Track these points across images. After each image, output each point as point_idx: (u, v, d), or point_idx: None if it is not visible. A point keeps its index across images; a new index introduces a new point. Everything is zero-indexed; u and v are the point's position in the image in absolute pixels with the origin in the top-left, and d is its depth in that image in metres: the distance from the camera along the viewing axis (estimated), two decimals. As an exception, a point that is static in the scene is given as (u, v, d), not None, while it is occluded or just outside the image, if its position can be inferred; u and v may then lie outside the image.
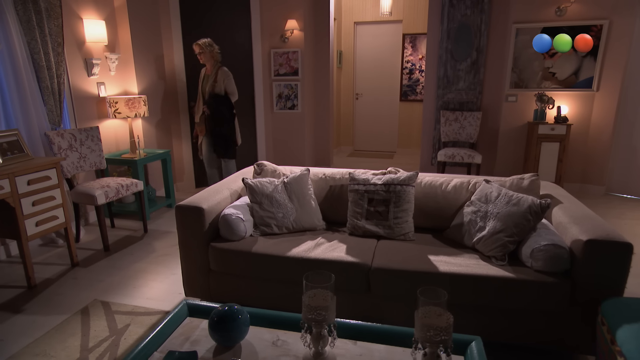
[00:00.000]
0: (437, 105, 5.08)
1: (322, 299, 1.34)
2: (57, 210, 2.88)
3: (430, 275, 1.94)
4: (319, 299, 1.34)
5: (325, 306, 1.31)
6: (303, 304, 1.33)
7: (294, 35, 4.79)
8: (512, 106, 4.77)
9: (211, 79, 4.04)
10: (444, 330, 1.19)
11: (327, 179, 2.68)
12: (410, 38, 6.53)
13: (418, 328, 1.22)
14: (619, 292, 1.76)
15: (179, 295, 2.63)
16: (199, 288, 2.41)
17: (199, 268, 2.36)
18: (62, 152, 3.22)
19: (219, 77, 4.04)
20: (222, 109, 4.10)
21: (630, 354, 1.32)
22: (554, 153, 4.47)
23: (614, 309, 1.57)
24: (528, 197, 2.08)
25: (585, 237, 1.78)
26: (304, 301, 1.32)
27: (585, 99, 4.56)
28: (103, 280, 2.83)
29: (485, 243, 2.08)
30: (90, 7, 3.66)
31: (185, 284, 2.43)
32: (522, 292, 1.84)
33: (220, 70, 4.04)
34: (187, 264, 2.39)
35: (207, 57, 3.96)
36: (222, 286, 2.35)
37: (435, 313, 1.24)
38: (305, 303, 1.32)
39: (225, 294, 2.35)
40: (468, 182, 2.46)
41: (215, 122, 4.12)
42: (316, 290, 1.36)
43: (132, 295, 2.63)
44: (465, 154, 4.59)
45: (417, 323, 1.23)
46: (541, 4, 4.46)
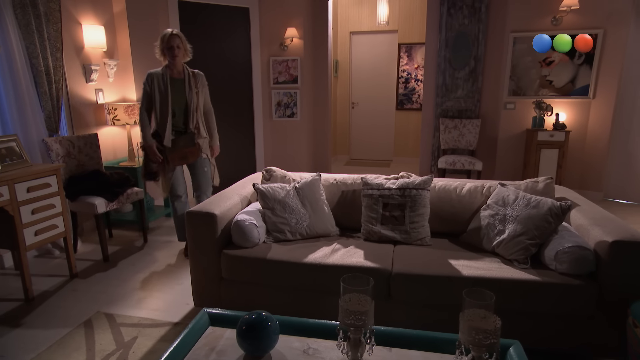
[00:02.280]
0: (436, 113, 5.11)
1: (359, 303, 1.29)
2: (57, 219, 2.77)
3: (453, 280, 1.90)
4: (355, 303, 1.29)
5: (365, 311, 1.25)
6: (340, 309, 1.27)
7: (294, 43, 4.78)
8: (510, 113, 4.82)
9: (183, 86, 2.99)
10: (492, 333, 1.15)
11: (339, 184, 2.64)
12: (405, 47, 6.59)
13: (464, 331, 1.17)
14: (647, 294, 1.74)
15: (186, 306, 2.53)
16: (209, 297, 2.32)
17: (210, 276, 2.28)
18: (60, 159, 3.12)
19: (199, 84, 3.05)
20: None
21: (674, 354, 1.29)
22: (553, 159, 4.51)
23: (647, 310, 1.54)
24: (547, 199, 2.07)
25: (610, 239, 1.76)
26: (342, 306, 1.27)
27: (582, 107, 4.64)
28: (105, 291, 2.71)
29: (506, 246, 2.06)
30: (89, 12, 3.59)
31: (195, 294, 2.35)
32: (547, 295, 1.81)
33: (197, 75, 3.06)
34: (197, 273, 2.30)
35: (182, 54, 2.97)
36: (234, 295, 2.27)
37: (480, 315, 1.20)
38: (343, 308, 1.26)
39: (238, 303, 2.26)
40: (482, 186, 2.45)
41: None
42: (352, 294, 1.30)
43: (137, 306, 2.52)
44: (466, 160, 4.61)
45: (464, 326, 1.18)
46: (537, 14, 4.54)
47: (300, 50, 4.81)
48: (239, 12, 4.63)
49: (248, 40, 4.74)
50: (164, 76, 2.94)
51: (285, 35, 4.71)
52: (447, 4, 4.83)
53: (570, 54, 4.55)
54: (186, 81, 2.99)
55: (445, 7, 4.83)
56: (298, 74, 4.83)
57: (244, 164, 5.04)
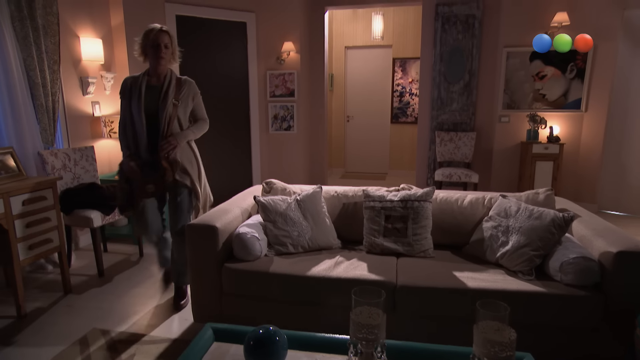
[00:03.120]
0: (432, 126, 5.15)
1: (369, 316, 1.26)
2: (52, 233, 2.71)
3: (458, 292, 1.89)
4: (366, 316, 1.27)
5: (377, 324, 1.23)
6: (352, 322, 1.25)
7: (290, 57, 4.81)
8: (505, 126, 4.88)
9: (159, 94, 2.41)
10: (508, 346, 1.13)
11: (340, 197, 2.63)
12: (400, 62, 6.68)
13: (479, 344, 1.16)
14: (652, 304, 1.75)
15: (185, 322, 2.47)
16: (209, 312, 2.27)
17: (211, 291, 2.24)
18: (56, 172, 3.07)
19: (183, 94, 2.48)
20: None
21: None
22: (548, 171, 4.55)
23: (655, 320, 1.54)
24: (549, 210, 2.08)
25: (615, 249, 1.77)
26: (353, 319, 1.24)
27: (575, 120, 4.71)
28: (100, 307, 2.64)
29: (510, 258, 2.05)
30: (87, 25, 3.59)
31: (195, 309, 2.30)
32: (553, 306, 1.80)
33: (183, 82, 2.50)
34: (197, 287, 2.26)
35: (169, 56, 2.45)
36: (235, 309, 2.23)
37: (494, 328, 1.18)
38: (355, 321, 1.24)
39: (239, 317, 2.22)
40: (483, 198, 2.45)
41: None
42: (363, 307, 1.28)
43: (134, 322, 2.46)
44: (463, 173, 4.63)
45: (478, 338, 1.16)
46: (530, 29, 4.64)
47: (297, 64, 4.84)
48: (236, 27, 4.66)
49: (245, 54, 4.77)
50: (140, 82, 2.41)
51: (282, 49, 4.75)
52: (442, 19, 4.92)
53: (562, 68, 4.65)
54: (164, 89, 2.41)
55: (439, 22, 4.92)
56: (295, 87, 4.85)
57: (240, 177, 5.01)
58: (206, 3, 4.41)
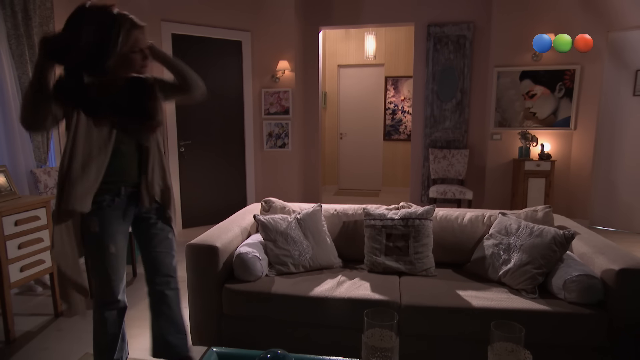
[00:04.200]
0: (425, 144, 5.21)
1: (381, 339, 1.24)
2: (44, 254, 2.64)
3: (464, 312, 1.87)
4: (377, 339, 1.24)
5: (390, 347, 1.21)
6: (365, 346, 1.22)
7: (285, 75, 4.85)
8: (497, 144, 4.95)
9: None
10: None
11: (340, 215, 2.62)
12: (392, 80, 6.78)
13: None
14: (655, 322, 1.76)
15: (181, 345, 2.40)
16: (208, 335, 2.22)
17: (210, 312, 2.18)
18: (48, 190, 3.01)
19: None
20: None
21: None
22: (540, 188, 4.62)
23: (661, 338, 1.55)
24: (550, 228, 2.09)
25: (617, 267, 1.79)
26: (366, 342, 1.22)
27: (565, 137, 4.81)
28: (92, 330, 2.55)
29: (513, 276, 2.05)
30: (84, 43, 3.58)
31: (193, 331, 2.23)
32: (558, 324, 1.80)
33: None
34: (196, 309, 2.21)
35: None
36: (235, 331, 2.18)
37: (508, 349, 1.17)
38: (368, 345, 1.21)
39: (239, 340, 2.16)
40: (483, 215, 2.47)
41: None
42: (374, 329, 1.26)
43: (129, 346, 2.38)
44: (457, 190, 4.67)
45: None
46: (519, 50, 4.76)
47: (291, 82, 4.88)
48: (231, 45, 4.70)
49: (240, 72, 4.80)
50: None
51: (277, 68, 4.79)
52: (434, 39, 5.03)
53: (551, 87, 4.77)
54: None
55: (431, 42, 5.03)
56: (290, 105, 4.88)
57: (235, 195, 4.98)
58: (202, 22, 4.45)
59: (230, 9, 4.60)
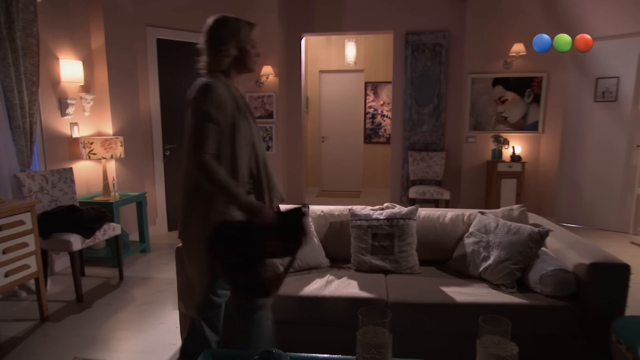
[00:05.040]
0: (404, 146, 5.37)
1: (374, 336, 1.30)
2: (29, 259, 2.61)
3: (448, 307, 1.98)
4: (370, 335, 1.30)
5: (385, 344, 1.27)
6: (358, 342, 1.29)
7: (269, 80, 4.92)
8: (472, 146, 5.16)
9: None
10: (511, 359, 1.20)
11: (326, 216, 2.70)
12: (372, 86, 6.94)
13: (483, 358, 1.22)
14: (622, 311, 1.91)
15: (172, 347, 2.43)
16: (200, 336, 2.25)
17: (201, 313, 2.22)
18: (33, 194, 2.98)
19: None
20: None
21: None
22: (512, 188, 4.84)
23: (627, 327, 1.70)
24: (526, 226, 2.24)
25: (588, 261, 1.94)
26: (361, 339, 1.28)
27: (534, 140, 5.06)
28: (81, 334, 2.55)
29: (492, 272, 2.19)
30: (67, 47, 3.55)
31: (184, 333, 2.27)
32: (535, 317, 1.94)
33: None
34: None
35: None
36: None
37: (494, 342, 1.25)
38: (362, 342, 1.27)
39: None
40: (463, 215, 2.60)
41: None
42: (368, 327, 1.32)
43: (118, 349, 2.39)
44: (435, 190, 4.84)
45: (482, 353, 1.22)
46: (491, 58, 4.99)
47: (275, 87, 4.95)
48: (215, 50, 4.72)
49: (224, 76, 4.83)
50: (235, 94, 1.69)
51: (261, 73, 4.85)
52: (411, 47, 5.20)
53: (520, 93, 5.01)
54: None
55: (409, 50, 5.20)
56: (273, 109, 4.95)
57: (218, 198, 4.99)
58: (187, 27, 4.46)
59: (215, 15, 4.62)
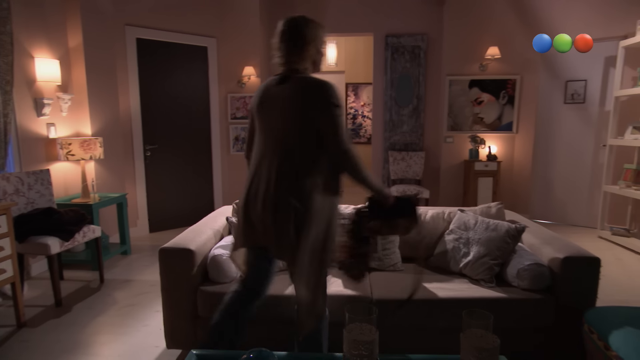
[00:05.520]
0: (385, 147, 5.45)
1: (361, 333, 1.32)
2: (5, 263, 2.54)
3: (431, 302, 2.04)
4: (357, 332, 1.32)
5: (372, 340, 1.30)
6: (345, 339, 1.31)
7: (251, 80, 4.91)
8: (450, 146, 5.29)
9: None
10: (493, 351, 1.25)
11: (311, 216, 2.72)
12: (352, 87, 7.01)
13: (468, 351, 1.25)
14: (593, 302, 2.01)
15: (156, 349, 2.41)
16: (183, 338, 2.24)
17: (185, 315, 2.21)
18: (8, 197, 2.89)
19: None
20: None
21: (630, 357, 1.51)
22: (488, 187, 4.99)
23: (598, 317, 1.79)
24: (503, 222, 2.33)
25: (561, 255, 2.03)
26: (348, 336, 1.30)
27: (508, 140, 5.23)
28: (60, 340, 2.50)
29: (472, 267, 2.26)
30: (43, 46, 3.46)
31: (168, 335, 2.25)
32: (513, 309, 2.02)
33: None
34: (170, 312, 2.22)
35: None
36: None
37: (477, 335, 1.30)
38: (350, 338, 1.30)
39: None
40: (443, 212, 2.67)
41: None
42: (354, 324, 1.34)
43: (100, 353, 2.35)
44: (415, 189, 4.94)
45: (467, 346, 1.26)
46: (467, 61, 5.13)
47: (257, 87, 4.94)
48: (197, 51, 4.69)
49: (206, 77, 4.80)
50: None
51: (243, 73, 4.84)
52: (391, 49, 5.29)
53: (495, 94, 5.17)
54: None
55: (389, 52, 5.28)
56: (255, 109, 4.94)
57: (201, 198, 4.95)
58: (167, 27, 4.41)
59: (196, 15, 4.60)
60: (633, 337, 1.58)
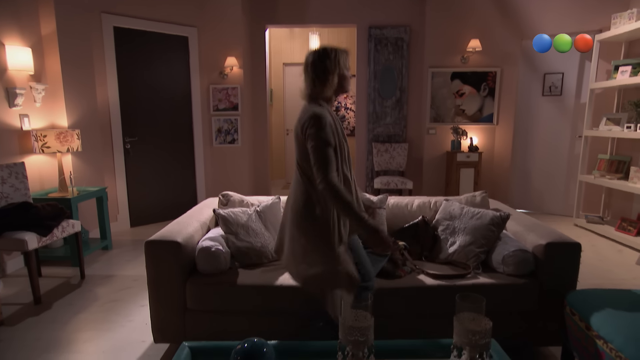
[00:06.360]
0: (369, 138, 5.47)
1: (356, 319, 1.33)
2: (-19, 260, 2.44)
3: (421, 290, 2.06)
4: (352, 319, 1.32)
5: (367, 326, 1.32)
6: (341, 326, 1.32)
7: (234, 72, 4.83)
8: (432, 138, 5.35)
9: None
10: (485, 333, 1.28)
11: (298, 207, 2.71)
12: (334, 78, 6.99)
13: (461, 334, 1.28)
14: (574, 286, 2.08)
15: (142, 344, 2.37)
16: (172, 331, 2.20)
17: (173, 308, 2.18)
18: (-20, 192, 2.77)
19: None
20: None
21: (610, 336, 1.57)
22: (470, 177, 5.08)
23: (580, 300, 1.85)
24: (488, 211, 2.37)
25: (544, 241, 2.08)
26: (343, 323, 1.31)
27: (489, 132, 5.32)
28: (40, 338, 2.42)
29: (459, 255, 2.30)
30: (14, 33, 3.31)
31: (155, 329, 2.21)
32: (500, 294, 2.06)
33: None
34: (158, 306, 2.18)
35: None
36: (200, 326, 2.19)
37: (469, 318, 1.32)
38: (345, 325, 1.31)
39: (206, 334, 2.18)
40: (429, 202, 2.70)
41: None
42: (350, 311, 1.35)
43: (83, 350, 2.29)
44: (399, 180, 4.98)
45: (460, 329, 1.29)
46: (449, 53, 5.18)
47: (240, 78, 4.87)
48: (177, 41, 4.58)
49: (187, 68, 4.70)
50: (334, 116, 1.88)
51: (225, 64, 4.75)
52: (374, 41, 5.29)
53: (476, 87, 5.24)
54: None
55: (372, 43, 5.28)
56: (238, 101, 4.87)
57: (184, 191, 4.87)
58: (146, 16, 4.29)
59: (176, 4, 4.48)
60: (612, 318, 1.64)
